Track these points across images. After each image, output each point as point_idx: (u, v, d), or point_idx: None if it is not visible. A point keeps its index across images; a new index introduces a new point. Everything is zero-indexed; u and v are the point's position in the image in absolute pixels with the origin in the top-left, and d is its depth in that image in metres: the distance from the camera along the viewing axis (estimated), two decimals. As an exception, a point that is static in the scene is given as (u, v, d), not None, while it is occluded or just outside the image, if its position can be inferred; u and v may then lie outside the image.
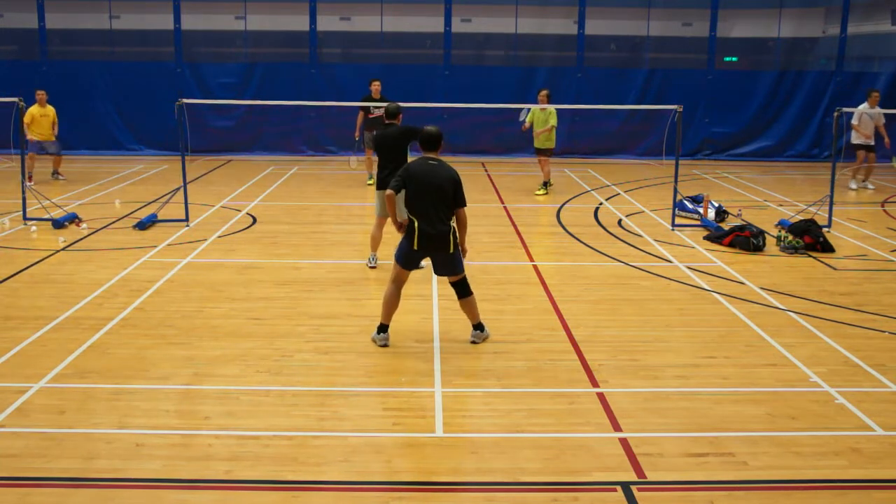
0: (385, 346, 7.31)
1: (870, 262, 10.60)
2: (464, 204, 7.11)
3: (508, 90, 19.56)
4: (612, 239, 11.68)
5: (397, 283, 7.27)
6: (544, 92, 15.17)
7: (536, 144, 15.41)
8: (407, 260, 7.20)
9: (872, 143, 15.98)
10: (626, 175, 17.99)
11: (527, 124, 15.15)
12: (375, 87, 15.72)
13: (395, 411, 6.10)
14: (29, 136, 15.46)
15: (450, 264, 7.20)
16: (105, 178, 16.68)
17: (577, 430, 5.81)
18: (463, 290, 7.28)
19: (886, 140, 16.06)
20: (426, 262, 7.96)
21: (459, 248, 7.18)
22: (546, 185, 15.58)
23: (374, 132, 14.77)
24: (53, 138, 16.14)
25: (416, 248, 7.06)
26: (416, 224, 7.03)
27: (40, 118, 15.87)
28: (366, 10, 20.98)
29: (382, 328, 7.36)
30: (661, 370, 6.89)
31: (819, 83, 20.86)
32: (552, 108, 14.94)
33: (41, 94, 15.97)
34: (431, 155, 7.18)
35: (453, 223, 7.11)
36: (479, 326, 7.45)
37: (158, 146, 20.19)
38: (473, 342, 7.43)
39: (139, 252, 10.53)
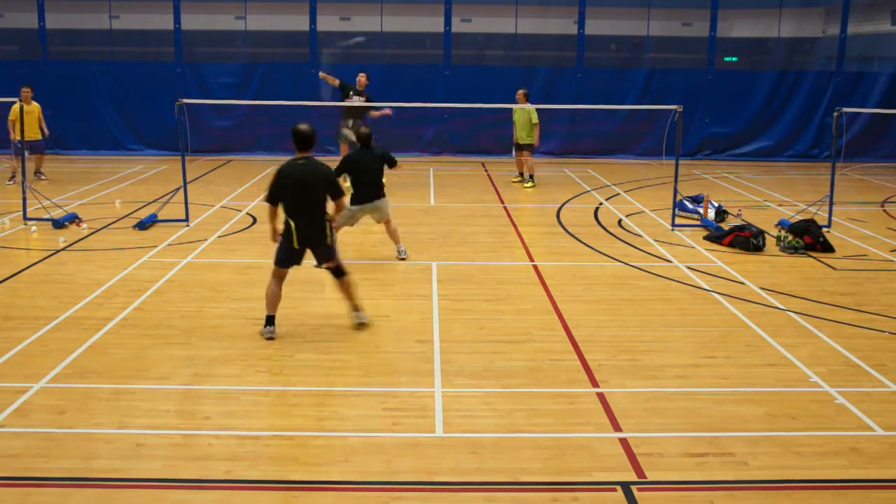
0: (271, 338, 7.40)
1: (870, 262, 10.59)
2: (340, 195, 7.42)
3: (508, 90, 19.47)
4: (612, 239, 11.67)
5: (277, 279, 7.50)
6: (521, 91, 16.04)
7: (517, 140, 16.17)
8: (287, 258, 7.44)
9: None
10: (626, 175, 17.98)
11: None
12: (361, 78, 15.41)
13: (395, 411, 6.09)
14: (15, 136, 14.92)
15: (328, 252, 7.52)
16: (105, 178, 16.66)
17: (577, 430, 5.81)
18: (338, 272, 7.62)
19: None
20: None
21: (334, 235, 7.54)
22: (532, 178, 16.26)
23: (350, 122, 14.90)
24: (39, 136, 15.49)
25: (296, 245, 7.35)
26: (292, 224, 7.29)
27: (24, 115, 14.95)
28: (366, 10, 20.96)
29: (269, 320, 7.49)
30: (661, 370, 6.89)
31: (819, 83, 20.86)
32: (531, 107, 15.58)
33: (26, 91, 15.14)
34: (303, 155, 7.36)
35: (327, 215, 7.42)
36: (357, 308, 7.71)
37: (158, 146, 20.17)
38: (361, 322, 7.68)
39: (139, 252, 10.53)
